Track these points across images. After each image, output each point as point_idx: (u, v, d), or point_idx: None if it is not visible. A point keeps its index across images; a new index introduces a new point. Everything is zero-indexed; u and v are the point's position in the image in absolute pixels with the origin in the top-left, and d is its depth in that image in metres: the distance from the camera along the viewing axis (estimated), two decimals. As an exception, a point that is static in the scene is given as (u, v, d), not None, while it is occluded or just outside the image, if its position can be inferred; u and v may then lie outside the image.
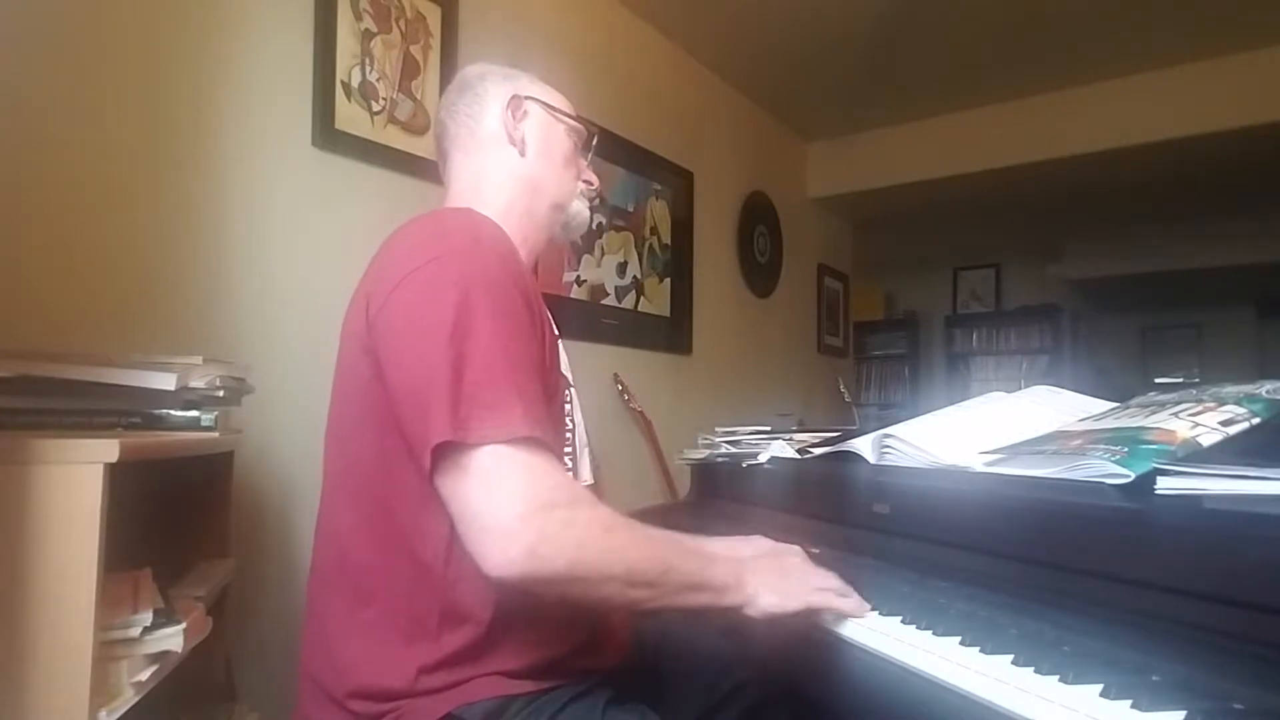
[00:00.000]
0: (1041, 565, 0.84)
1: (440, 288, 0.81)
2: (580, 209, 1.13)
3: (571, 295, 2.49)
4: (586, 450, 1.09)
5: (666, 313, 2.93)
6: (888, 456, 1.18)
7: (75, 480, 0.79)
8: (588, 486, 1.05)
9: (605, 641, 0.93)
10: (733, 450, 1.56)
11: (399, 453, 0.82)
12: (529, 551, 0.73)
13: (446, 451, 0.75)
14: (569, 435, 1.03)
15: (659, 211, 2.90)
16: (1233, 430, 0.86)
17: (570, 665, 0.87)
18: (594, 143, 1.16)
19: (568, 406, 1.04)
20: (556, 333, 1.02)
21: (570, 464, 1.02)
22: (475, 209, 0.99)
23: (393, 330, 0.83)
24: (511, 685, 0.83)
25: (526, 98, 1.08)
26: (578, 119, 1.12)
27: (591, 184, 1.15)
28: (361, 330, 0.87)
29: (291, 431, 1.59)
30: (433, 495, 0.79)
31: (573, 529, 0.76)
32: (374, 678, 0.83)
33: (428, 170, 1.93)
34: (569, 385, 1.06)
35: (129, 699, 0.83)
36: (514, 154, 1.06)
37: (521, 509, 0.74)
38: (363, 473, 0.88)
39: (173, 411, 1.06)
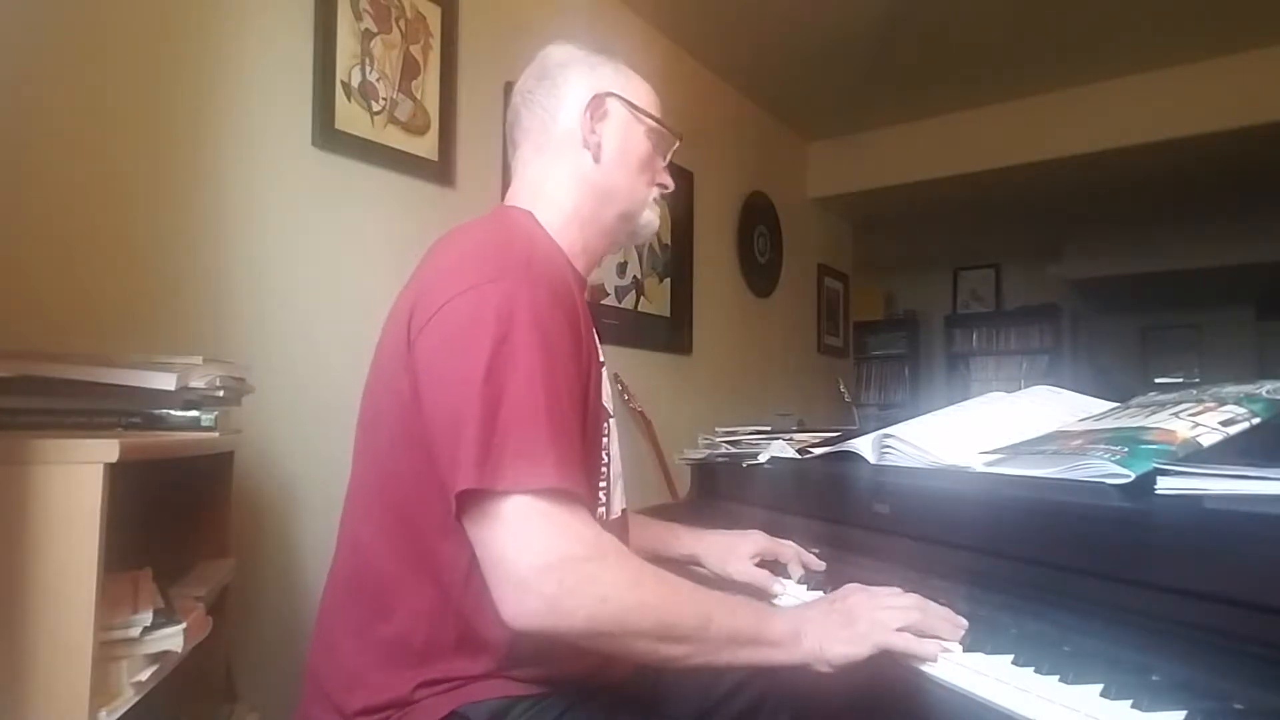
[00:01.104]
0: (1042, 565, 0.84)
1: (481, 319, 0.78)
2: (650, 218, 1.07)
3: (571, 295, 2.49)
4: (621, 481, 1.03)
5: (666, 313, 2.93)
6: (888, 456, 1.18)
7: (75, 480, 0.79)
8: (616, 520, 1.00)
9: (616, 661, 0.92)
10: (733, 450, 1.56)
11: (430, 476, 0.80)
12: (547, 605, 0.72)
13: (473, 496, 0.74)
14: (604, 469, 0.97)
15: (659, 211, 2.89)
16: (1233, 430, 0.86)
17: (579, 680, 0.87)
18: (676, 147, 1.10)
19: (606, 440, 0.98)
20: (602, 360, 0.98)
21: (604, 498, 0.97)
22: (537, 212, 0.98)
23: (431, 359, 0.81)
24: (516, 687, 0.83)
25: (609, 95, 1.01)
26: (661, 123, 1.06)
27: (667, 187, 1.09)
28: (402, 347, 0.84)
29: (291, 431, 1.59)
30: (456, 524, 0.77)
31: (594, 584, 0.74)
32: (383, 693, 0.83)
33: (428, 170, 1.94)
34: (609, 416, 1.01)
35: (129, 699, 0.83)
36: (587, 158, 1.00)
37: (541, 561, 0.72)
38: (392, 489, 0.86)
39: (173, 411, 1.06)
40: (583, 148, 1.00)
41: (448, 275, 0.84)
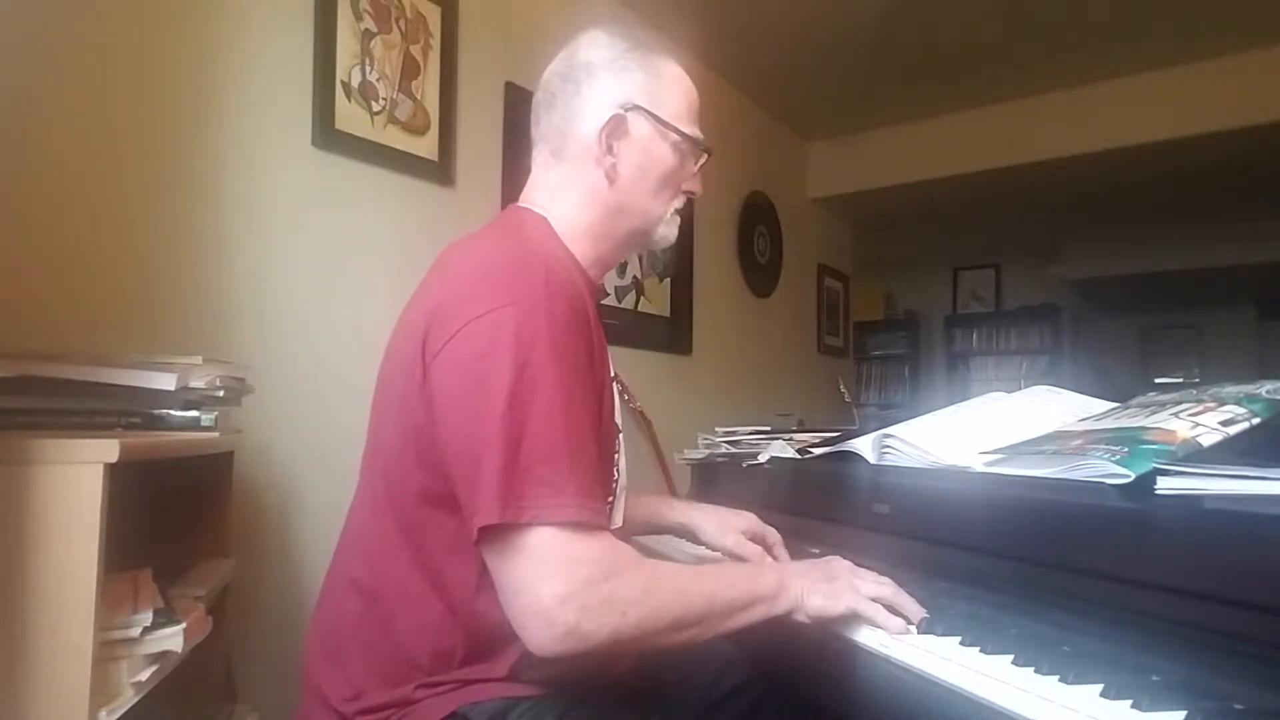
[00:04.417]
0: (1041, 565, 0.84)
1: (501, 345, 0.77)
2: (665, 233, 1.04)
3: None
4: (625, 493, 1.03)
5: (666, 313, 2.93)
6: (888, 456, 1.18)
7: (75, 480, 0.79)
8: (615, 531, 1.01)
9: (618, 660, 0.93)
10: (733, 450, 1.56)
11: (438, 494, 0.81)
12: (572, 631, 0.73)
13: (495, 529, 0.74)
14: (614, 485, 0.98)
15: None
16: (1233, 430, 0.86)
17: (579, 681, 0.87)
18: (704, 160, 1.06)
19: (616, 455, 0.98)
20: (614, 374, 0.98)
21: (608, 511, 0.96)
22: (551, 218, 0.97)
23: (449, 385, 0.80)
24: (517, 688, 0.83)
25: (633, 109, 0.96)
26: (688, 137, 1.01)
27: (694, 193, 1.06)
28: (416, 370, 0.83)
29: (291, 431, 1.59)
30: (465, 542, 0.78)
31: (614, 602, 0.75)
32: (384, 695, 0.83)
33: (428, 170, 1.94)
34: (619, 432, 0.99)
35: (129, 699, 0.83)
36: (601, 176, 0.97)
37: (563, 590, 0.73)
38: (402, 508, 0.86)
39: (173, 411, 1.06)
40: (597, 166, 0.97)
41: (463, 294, 0.82)
